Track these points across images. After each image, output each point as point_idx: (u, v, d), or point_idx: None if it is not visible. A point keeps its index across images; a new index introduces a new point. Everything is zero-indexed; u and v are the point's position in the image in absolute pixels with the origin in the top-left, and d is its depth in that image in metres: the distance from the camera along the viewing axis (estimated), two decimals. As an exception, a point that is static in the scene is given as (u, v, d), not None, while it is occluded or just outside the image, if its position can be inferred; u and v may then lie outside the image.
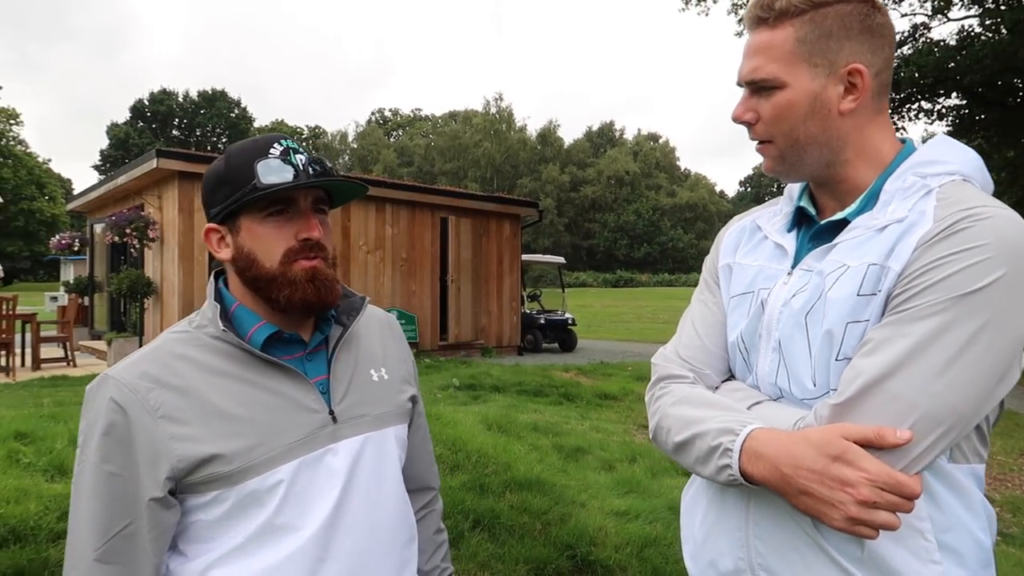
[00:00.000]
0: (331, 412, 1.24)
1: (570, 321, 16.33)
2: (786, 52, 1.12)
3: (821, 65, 1.10)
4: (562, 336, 16.33)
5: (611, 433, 6.89)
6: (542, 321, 16.24)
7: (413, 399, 1.44)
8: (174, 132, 74.14)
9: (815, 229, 1.19)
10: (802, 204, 1.23)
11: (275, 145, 1.21)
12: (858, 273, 1.05)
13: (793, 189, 1.28)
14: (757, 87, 1.15)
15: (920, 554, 1.00)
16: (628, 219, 76.43)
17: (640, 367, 11.83)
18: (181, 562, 1.18)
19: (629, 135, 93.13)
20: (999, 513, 5.34)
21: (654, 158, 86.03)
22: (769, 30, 1.14)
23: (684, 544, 1.30)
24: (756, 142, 1.19)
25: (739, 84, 1.18)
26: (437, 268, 14.19)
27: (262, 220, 1.21)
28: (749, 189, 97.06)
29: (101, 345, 13.23)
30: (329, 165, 1.26)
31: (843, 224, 1.13)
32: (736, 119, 1.17)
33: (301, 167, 1.20)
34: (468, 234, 14.75)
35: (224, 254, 1.26)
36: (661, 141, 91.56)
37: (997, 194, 1.12)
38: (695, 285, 1.41)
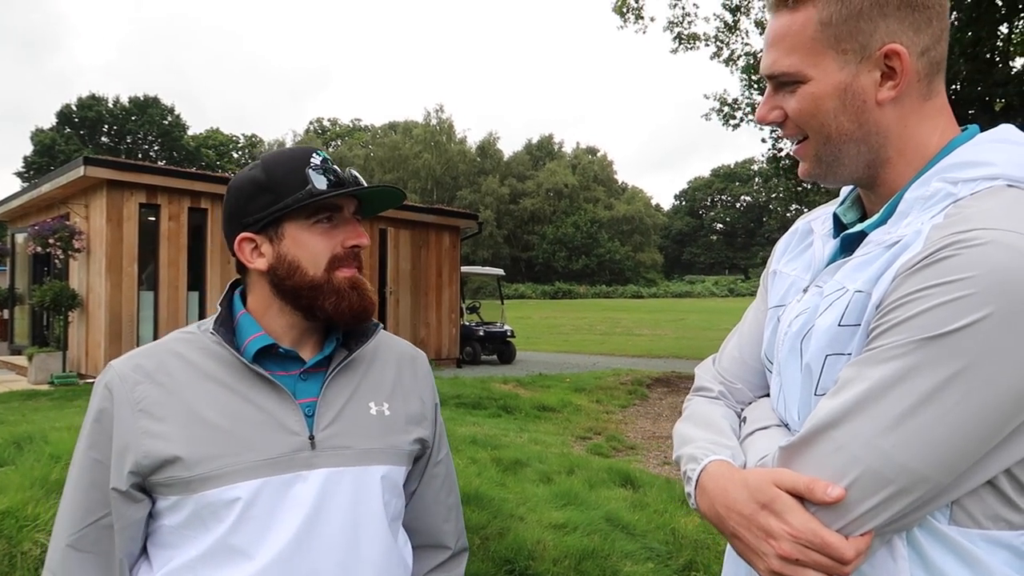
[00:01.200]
0: (311, 437, 1.17)
1: (509, 333, 16.39)
2: (807, 39, 0.96)
3: (851, 51, 0.94)
4: (501, 348, 16.37)
5: (549, 445, 6.94)
6: (481, 333, 16.24)
7: (422, 443, 1.33)
8: (103, 139, 71.44)
9: (843, 237, 1.04)
10: (838, 210, 1.09)
11: (315, 155, 1.22)
12: (843, 300, 0.92)
13: (848, 189, 1.13)
14: (779, 82, 1.00)
15: None
16: (567, 231, 77.10)
17: (578, 378, 11.94)
18: (145, 568, 1.17)
19: (568, 148, 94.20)
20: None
21: (592, 171, 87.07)
22: (789, 13, 0.97)
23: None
24: (792, 144, 1.04)
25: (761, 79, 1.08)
26: (375, 280, 14.06)
27: (309, 227, 1.20)
28: (684, 203, 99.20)
29: (22, 360, 12.64)
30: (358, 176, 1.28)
31: (864, 237, 0.99)
32: (760, 121, 1.03)
33: (343, 176, 1.21)
34: (407, 246, 14.68)
35: (259, 264, 1.22)
36: (599, 155, 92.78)
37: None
38: (632, 296, 1.34)
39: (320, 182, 1.18)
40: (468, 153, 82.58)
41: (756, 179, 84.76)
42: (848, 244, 1.02)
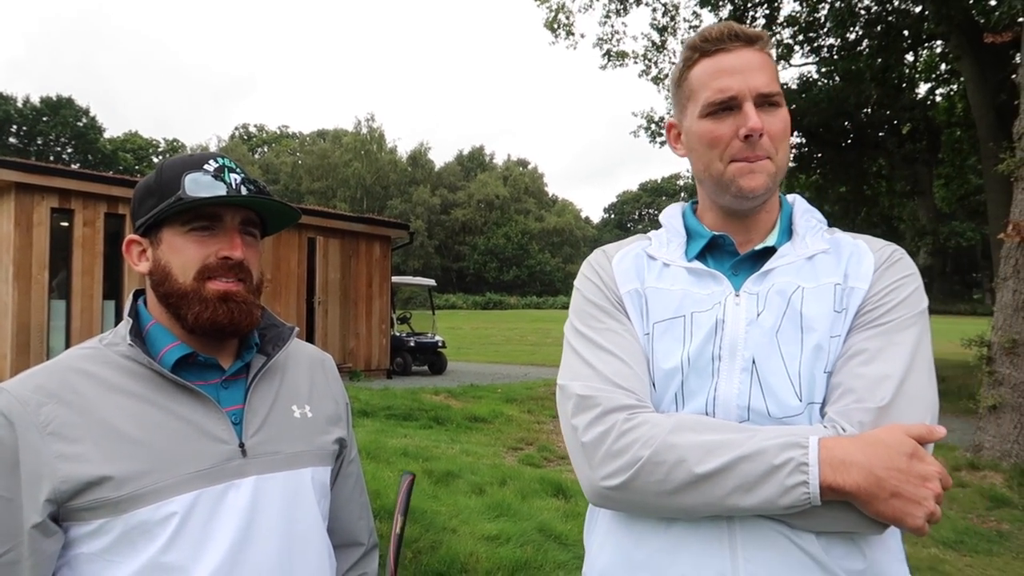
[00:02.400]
0: (241, 445, 1.15)
1: (440, 343, 16.29)
2: (775, 74, 1.19)
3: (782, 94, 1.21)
4: (432, 359, 16.26)
5: (481, 456, 6.91)
6: (412, 344, 16.10)
7: (341, 442, 1.34)
8: (11, 140, 67.99)
9: (742, 256, 1.22)
10: (717, 234, 1.24)
11: (210, 161, 1.18)
12: (827, 291, 1.14)
13: (675, 222, 1.30)
14: (768, 101, 1.16)
15: (901, 559, 1.10)
16: (498, 242, 77.27)
17: (509, 389, 11.95)
18: None
19: (499, 160, 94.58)
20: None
21: (523, 183, 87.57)
22: (758, 52, 1.18)
23: None
24: (742, 161, 1.16)
25: (730, 101, 1.15)
26: (304, 290, 13.78)
27: (184, 234, 1.17)
28: (613, 216, 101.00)
29: (-83, 373, 11.84)
30: (267, 188, 1.23)
31: (767, 252, 1.21)
32: (758, 131, 1.14)
33: (234, 186, 1.16)
34: (337, 255, 14.44)
35: (142, 267, 1.22)
36: (530, 167, 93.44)
37: (831, 226, 1.27)
38: (563, 308, 1.32)
39: (198, 189, 1.14)
40: (399, 163, 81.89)
41: (682, 194, 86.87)
42: (744, 259, 1.22)
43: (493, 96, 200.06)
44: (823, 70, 16.16)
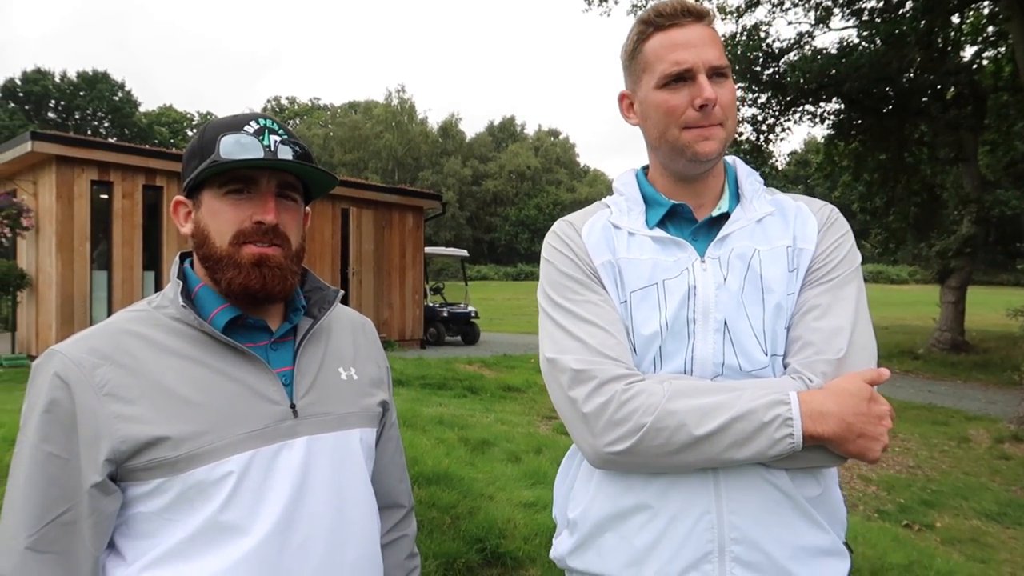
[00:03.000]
0: (292, 406, 1.16)
1: (473, 314, 16.37)
2: (723, 49, 1.27)
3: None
4: (465, 329, 16.35)
5: (516, 425, 6.95)
6: (445, 314, 16.21)
7: (384, 405, 1.36)
8: (50, 115, 69.10)
9: (701, 223, 1.30)
10: (675, 203, 1.31)
11: (252, 122, 1.17)
12: (780, 254, 1.25)
13: (631, 189, 1.36)
14: (718, 73, 1.24)
15: (837, 482, 1.27)
16: (529, 213, 77.03)
17: (542, 360, 11.97)
18: (117, 562, 1.09)
19: (530, 131, 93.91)
20: (875, 492, 5.72)
21: (555, 154, 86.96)
22: (707, 28, 1.26)
23: (617, 560, 1.23)
24: (699, 127, 1.24)
25: (685, 73, 1.22)
26: (338, 260, 13.90)
27: (221, 197, 1.16)
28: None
29: (-33, 342, 12.22)
30: (310, 151, 1.21)
31: (722, 217, 1.30)
32: (711, 100, 1.21)
33: (272, 147, 1.15)
34: (370, 226, 14.52)
35: (186, 228, 1.22)
36: (561, 137, 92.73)
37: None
38: None
39: (236, 151, 1.12)
40: (430, 134, 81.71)
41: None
42: (703, 225, 1.30)
43: (524, 66, 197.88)
44: (864, 34, 15.67)
